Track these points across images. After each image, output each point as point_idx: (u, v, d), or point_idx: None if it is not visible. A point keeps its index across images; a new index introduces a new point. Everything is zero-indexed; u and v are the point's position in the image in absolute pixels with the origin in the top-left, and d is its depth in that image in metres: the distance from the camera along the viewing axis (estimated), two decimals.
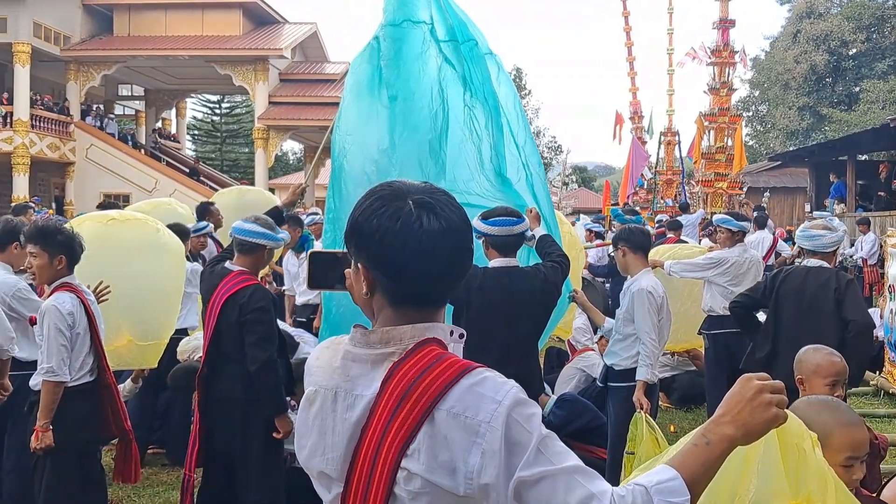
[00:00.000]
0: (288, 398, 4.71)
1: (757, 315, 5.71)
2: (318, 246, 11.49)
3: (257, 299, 4.48)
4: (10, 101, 28.24)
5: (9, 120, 28.01)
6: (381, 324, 1.59)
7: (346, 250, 1.65)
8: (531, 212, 4.70)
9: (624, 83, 29.20)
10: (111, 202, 7.97)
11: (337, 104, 5.38)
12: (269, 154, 31.80)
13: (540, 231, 4.64)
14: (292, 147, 54.62)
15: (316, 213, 14.09)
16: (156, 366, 5.87)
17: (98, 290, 4.90)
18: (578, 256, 6.89)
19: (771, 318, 5.42)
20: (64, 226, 4.54)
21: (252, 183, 32.57)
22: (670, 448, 2.07)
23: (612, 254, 8.31)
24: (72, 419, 4.26)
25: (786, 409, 1.54)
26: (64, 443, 4.22)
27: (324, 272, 1.84)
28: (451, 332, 1.59)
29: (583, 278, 8.64)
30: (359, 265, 1.58)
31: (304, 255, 7.05)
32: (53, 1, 28.81)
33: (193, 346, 5.95)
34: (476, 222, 4.11)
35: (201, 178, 32.70)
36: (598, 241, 11.90)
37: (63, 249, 4.33)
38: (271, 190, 38.80)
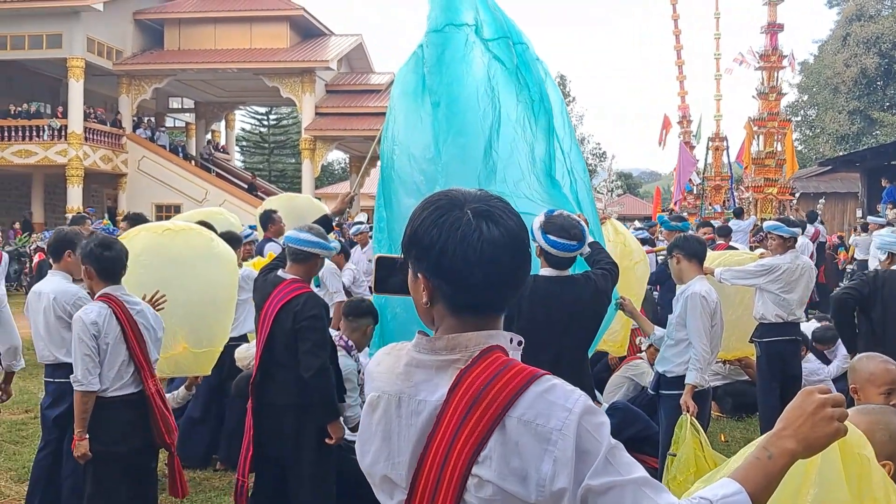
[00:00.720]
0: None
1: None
2: (359, 254, 11.56)
3: (311, 307, 4.53)
4: (65, 115, 28.84)
5: (63, 133, 28.59)
6: (444, 331, 1.59)
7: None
8: (580, 217, 4.68)
9: (670, 88, 29.01)
10: (137, 215, 8.19)
11: (382, 114, 5.41)
12: (315, 164, 32.09)
13: (588, 238, 4.62)
14: (338, 157, 55.06)
15: (361, 223, 14.22)
16: (210, 373, 5.97)
17: (153, 300, 5.02)
18: (634, 266, 6.83)
19: (877, 321, 5.32)
20: (85, 239, 4.62)
21: (299, 193, 32.93)
22: (730, 461, 2.06)
23: (661, 260, 8.25)
24: (114, 429, 4.34)
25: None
26: (105, 452, 4.31)
27: (389, 277, 1.84)
28: (511, 340, 1.59)
29: None
30: (418, 275, 1.59)
31: None
32: (106, 17, 29.39)
33: (252, 354, 6.03)
34: (536, 230, 4.08)
35: (250, 189, 33.09)
36: (647, 248, 11.78)
37: (84, 261, 4.43)
38: (318, 199, 39.20)
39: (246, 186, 33.29)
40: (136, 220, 7.29)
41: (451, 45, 4.69)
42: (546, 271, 4.17)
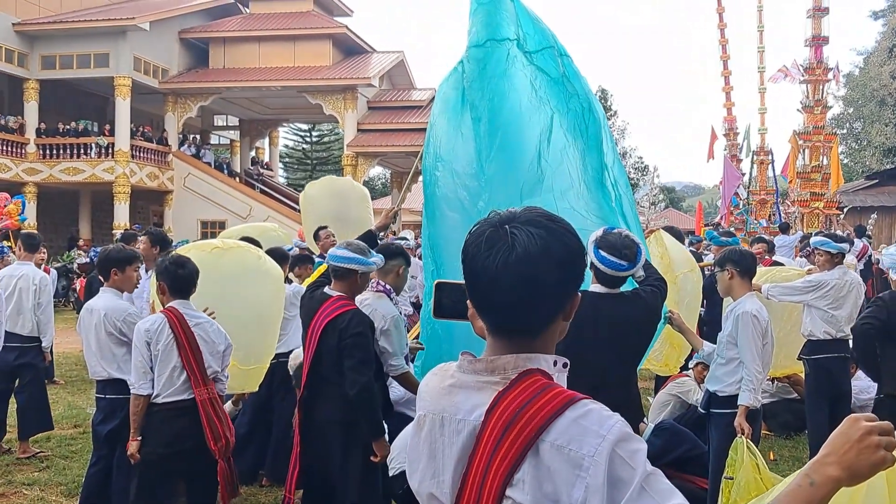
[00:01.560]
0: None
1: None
2: None
3: (356, 324, 4.56)
4: (112, 133, 29.36)
5: (111, 151, 29.12)
6: (487, 351, 1.60)
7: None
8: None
9: (713, 101, 28.72)
10: (157, 231, 8.50)
11: (424, 130, 5.43)
12: (357, 180, 32.28)
13: (642, 261, 4.57)
14: (378, 172, 55.36)
15: (405, 238, 14.28)
16: (257, 389, 6.03)
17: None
18: (676, 279, 6.75)
19: None
20: (167, 256, 4.91)
21: None
22: (773, 489, 2.03)
23: (708, 273, 8.14)
24: (164, 434, 4.61)
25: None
26: (152, 454, 4.59)
27: (449, 302, 1.83)
28: (555, 362, 1.57)
29: None
30: (465, 290, 1.61)
31: None
32: (152, 36, 29.96)
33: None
34: (590, 244, 4.01)
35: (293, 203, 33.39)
36: None
37: (159, 276, 4.79)
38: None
39: (289, 202, 33.60)
40: (156, 235, 7.47)
41: (492, 60, 4.68)
42: (596, 287, 4.12)
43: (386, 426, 4.71)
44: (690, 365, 7.51)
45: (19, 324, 7.60)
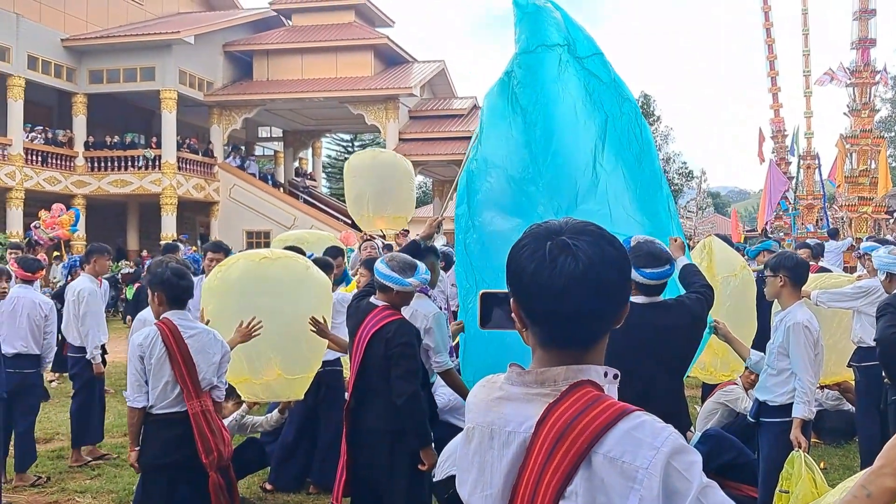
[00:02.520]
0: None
1: None
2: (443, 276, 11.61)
3: (402, 334, 4.58)
4: (159, 145, 29.87)
5: (157, 163, 29.63)
6: (535, 363, 1.59)
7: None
8: (675, 241, 4.63)
9: (760, 102, 28.27)
10: (173, 245, 8.65)
11: (465, 138, 5.45)
12: None
13: (683, 261, 4.57)
14: (419, 181, 55.52)
15: (447, 246, 14.29)
16: (302, 398, 6.09)
17: (249, 326, 5.21)
18: (728, 280, 6.68)
19: None
20: (162, 265, 4.88)
21: (404, 233, 33.30)
22: (826, 495, 2.01)
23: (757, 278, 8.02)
24: (157, 444, 4.67)
25: None
26: (150, 465, 4.69)
27: (493, 312, 1.80)
28: (606, 374, 1.56)
29: None
30: (512, 301, 1.61)
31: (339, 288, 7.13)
32: (197, 50, 30.44)
33: None
34: None
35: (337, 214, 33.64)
36: None
37: (156, 287, 4.75)
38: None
39: (332, 212, 33.85)
40: (169, 249, 7.73)
41: (544, 65, 4.69)
42: (637, 298, 4.11)
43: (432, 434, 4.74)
44: (740, 373, 7.40)
45: (71, 334, 7.81)
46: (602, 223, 1.66)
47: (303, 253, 6.61)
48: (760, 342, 5.75)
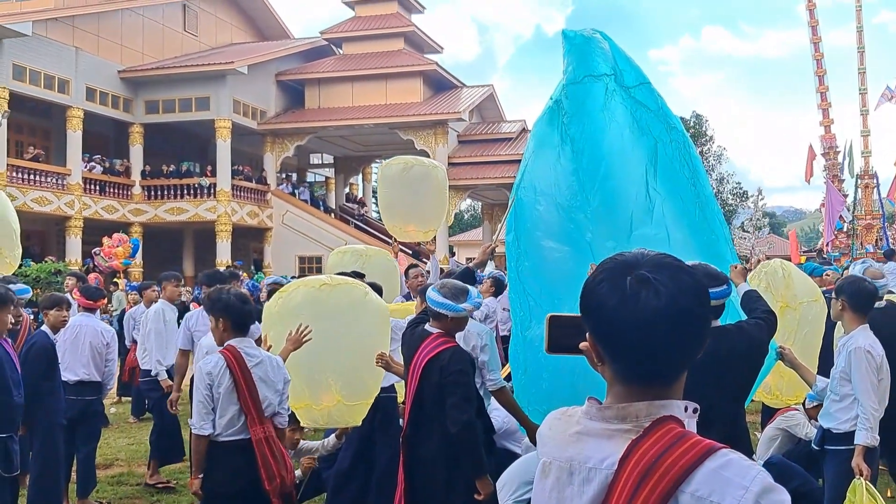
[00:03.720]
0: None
1: None
2: (493, 302, 11.57)
3: (457, 361, 4.57)
4: (214, 173, 30.41)
5: (212, 191, 30.17)
6: (614, 398, 1.57)
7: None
8: (735, 268, 4.58)
9: (812, 118, 27.75)
10: (212, 274, 8.73)
11: (514, 162, 5.47)
12: (448, 213, 32.55)
13: (745, 287, 4.51)
14: (467, 204, 55.64)
15: (497, 270, 14.27)
16: (360, 423, 6.10)
17: (300, 332, 5.25)
18: (811, 305, 6.53)
19: None
20: (225, 291, 4.91)
21: (433, 241, 33.41)
22: None
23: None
24: (222, 472, 4.68)
25: None
26: (213, 492, 4.70)
27: (563, 336, 1.77)
28: (686, 408, 1.54)
29: None
30: (589, 335, 1.59)
31: None
32: (250, 79, 30.98)
33: None
34: None
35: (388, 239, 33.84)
36: None
37: (220, 313, 4.77)
38: (451, 248, 39.62)
39: (383, 236, 34.06)
40: (211, 277, 7.87)
41: (591, 95, 4.71)
42: None
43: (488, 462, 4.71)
44: (807, 405, 7.21)
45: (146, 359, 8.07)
46: (661, 248, 1.64)
47: (362, 277, 6.65)
48: (826, 369, 5.62)
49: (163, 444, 8.13)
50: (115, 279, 19.55)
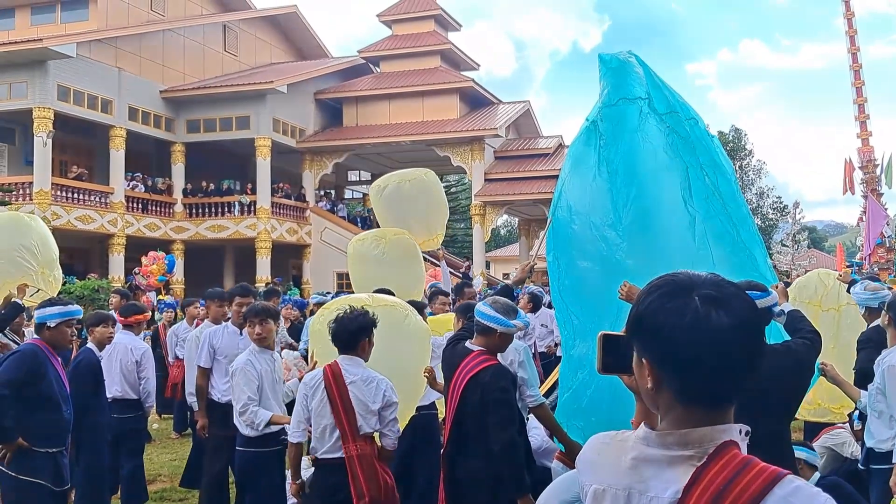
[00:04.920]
0: None
1: None
2: (533, 319, 11.54)
3: (498, 380, 4.56)
4: (254, 191, 30.74)
5: (252, 208, 30.51)
6: (672, 423, 1.54)
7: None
8: (777, 287, 4.54)
9: (850, 130, 27.37)
10: (272, 287, 8.55)
11: (551, 177, 5.50)
12: (485, 229, 32.60)
13: (788, 307, 4.47)
14: (504, 220, 55.63)
15: (536, 285, 14.25)
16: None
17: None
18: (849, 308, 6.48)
19: None
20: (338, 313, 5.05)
21: (470, 257, 33.47)
22: None
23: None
24: (319, 489, 4.87)
25: None
26: None
27: (617, 355, 1.75)
28: (740, 431, 1.53)
29: None
30: (643, 360, 1.56)
31: None
32: (289, 98, 31.33)
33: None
34: None
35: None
36: None
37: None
38: (487, 263, 39.56)
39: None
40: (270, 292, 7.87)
41: (626, 117, 4.76)
42: None
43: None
44: (856, 427, 7.11)
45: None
46: (703, 267, 1.64)
47: (391, 293, 6.68)
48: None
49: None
50: (160, 297, 19.80)
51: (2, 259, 7.81)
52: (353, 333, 4.86)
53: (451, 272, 28.92)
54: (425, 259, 10.12)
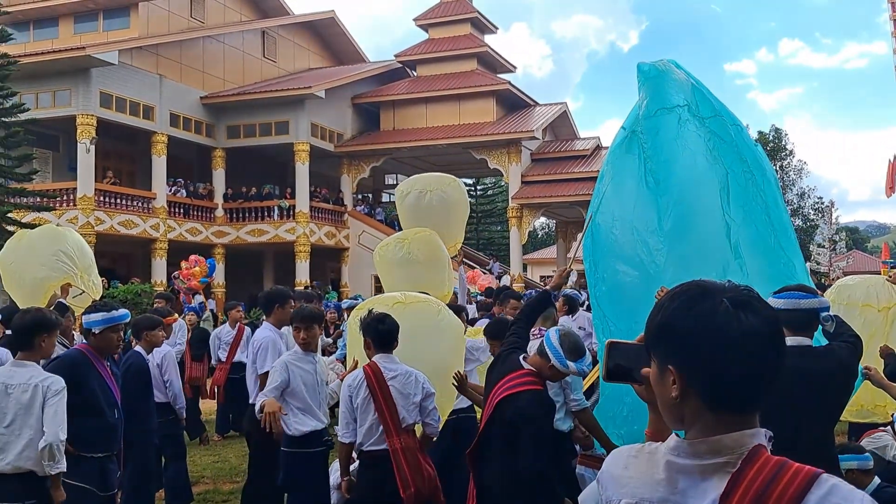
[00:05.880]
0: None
1: None
2: (569, 321, 11.50)
3: (534, 407, 4.43)
4: (293, 195, 31.01)
5: (292, 212, 30.79)
6: (700, 431, 1.54)
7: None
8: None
9: (893, 128, 26.90)
10: (313, 291, 8.52)
11: (589, 179, 5.52)
12: (522, 232, 32.56)
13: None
14: (541, 222, 55.48)
15: (572, 288, 14.24)
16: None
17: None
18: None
19: None
20: (371, 316, 5.29)
21: (507, 261, 33.45)
22: None
23: None
24: (366, 481, 5.16)
25: None
26: (360, 499, 5.19)
27: (624, 364, 1.75)
28: (765, 434, 1.53)
29: None
30: (668, 367, 1.55)
31: None
32: (328, 104, 31.56)
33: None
34: (770, 299, 3.92)
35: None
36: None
37: (364, 333, 5.23)
38: (524, 266, 39.45)
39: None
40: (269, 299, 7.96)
41: (664, 127, 4.77)
42: (787, 340, 3.98)
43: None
44: None
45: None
46: (736, 274, 1.66)
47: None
48: None
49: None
50: (202, 300, 20.06)
51: (43, 264, 8.09)
52: (390, 334, 5.15)
53: (480, 270, 29.00)
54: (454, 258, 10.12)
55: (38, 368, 4.92)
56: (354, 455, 5.30)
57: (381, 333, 5.15)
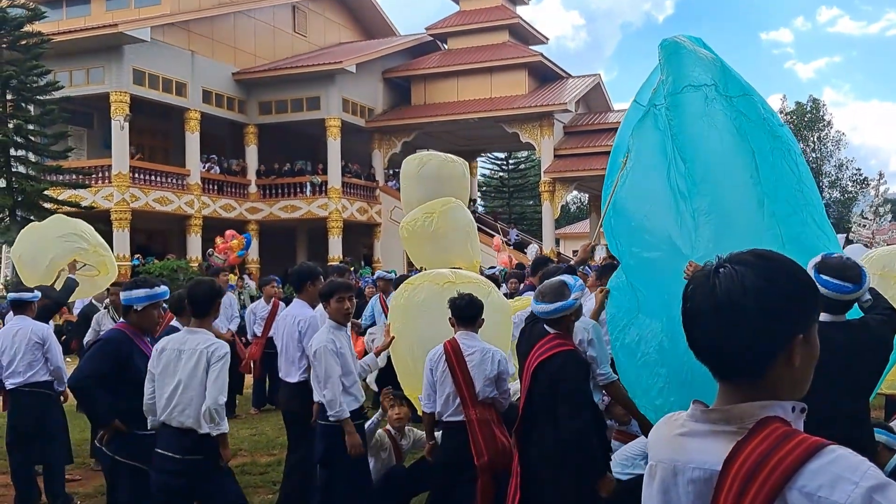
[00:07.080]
0: None
1: None
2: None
3: (569, 366, 4.57)
4: (325, 171, 31.15)
5: (324, 188, 30.93)
6: (720, 400, 1.58)
7: None
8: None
9: None
10: (341, 265, 8.51)
11: None
12: (555, 206, 32.42)
13: (867, 285, 4.35)
14: (574, 196, 55.18)
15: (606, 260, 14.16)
16: None
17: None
18: None
19: None
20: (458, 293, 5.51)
21: (539, 236, 33.35)
22: None
23: None
24: (445, 447, 5.50)
25: None
26: (440, 462, 5.53)
27: None
28: (793, 408, 1.53)
29: None
30: None
31: None
32: (358, 79, 31.56)
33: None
34: (810, 269, 3.90)
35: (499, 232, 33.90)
36: None
37: (448, 310, 5.49)
38: (557, 240, 39.35)
39: (488, 230, 34.17)
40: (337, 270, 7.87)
41: (690, 104, 4.70)
42: (822, 316, 3.95)
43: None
44: None
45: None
46: (776, 244, 1.64)
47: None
48: None
49: None
50: (233, 276, 20.23)
51: (54, 247, 8.42)
52: (471, 311, 5.40)
53: (501, 239, 28.89)
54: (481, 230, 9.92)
55: (210, 335, 5.17)
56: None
57: (462, 310, 5.40)
